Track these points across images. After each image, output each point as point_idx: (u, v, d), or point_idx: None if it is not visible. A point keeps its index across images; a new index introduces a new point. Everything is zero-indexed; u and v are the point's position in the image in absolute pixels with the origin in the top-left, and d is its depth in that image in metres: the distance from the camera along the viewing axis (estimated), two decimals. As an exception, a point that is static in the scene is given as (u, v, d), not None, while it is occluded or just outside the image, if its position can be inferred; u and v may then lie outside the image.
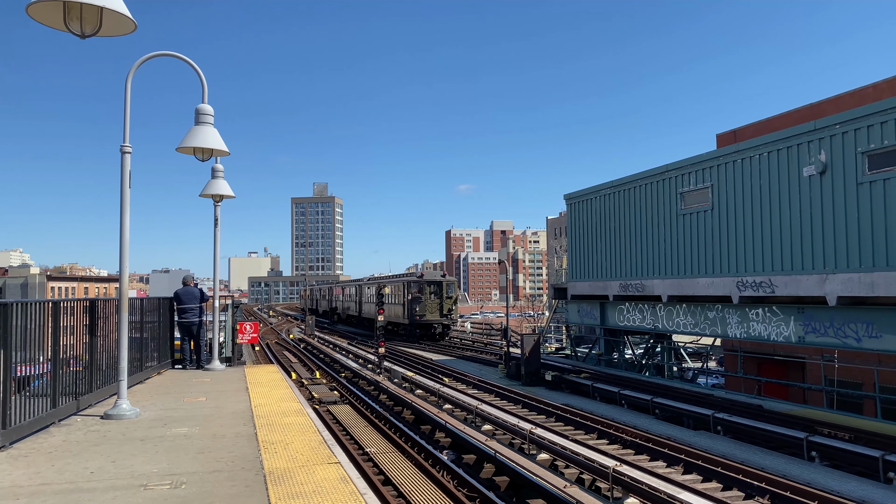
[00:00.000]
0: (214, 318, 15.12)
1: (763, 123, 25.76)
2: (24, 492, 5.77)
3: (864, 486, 11.21)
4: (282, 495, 5.72)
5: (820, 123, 15.87)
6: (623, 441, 14.61)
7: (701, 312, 19.90)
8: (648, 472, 11.44)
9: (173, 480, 6.14)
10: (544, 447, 14.01)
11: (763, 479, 11.13)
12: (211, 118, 10.88)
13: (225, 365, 15.45)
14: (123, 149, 9.04)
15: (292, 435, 8.11)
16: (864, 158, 14.75)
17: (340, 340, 45.35)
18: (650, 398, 18.00)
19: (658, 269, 21.49)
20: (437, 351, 37.04)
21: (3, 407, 7.12)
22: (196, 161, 11.52)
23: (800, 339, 16.59)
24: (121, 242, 9.18)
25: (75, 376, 9.37)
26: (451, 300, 43.77)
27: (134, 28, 7.27)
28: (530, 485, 11.44)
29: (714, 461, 12.40)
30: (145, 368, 13.02)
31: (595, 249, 25.25)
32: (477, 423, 17.27)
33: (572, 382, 22.16)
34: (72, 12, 6.87)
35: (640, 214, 22.57)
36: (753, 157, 17.74)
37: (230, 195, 14.49)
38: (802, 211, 16.22)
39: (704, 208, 19.50)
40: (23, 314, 7.65)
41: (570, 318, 28.53)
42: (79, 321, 9.41)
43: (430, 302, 42.83)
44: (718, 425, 15.45)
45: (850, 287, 14.85)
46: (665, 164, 21.38)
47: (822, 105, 23.27)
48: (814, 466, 12.55)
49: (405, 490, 11.01)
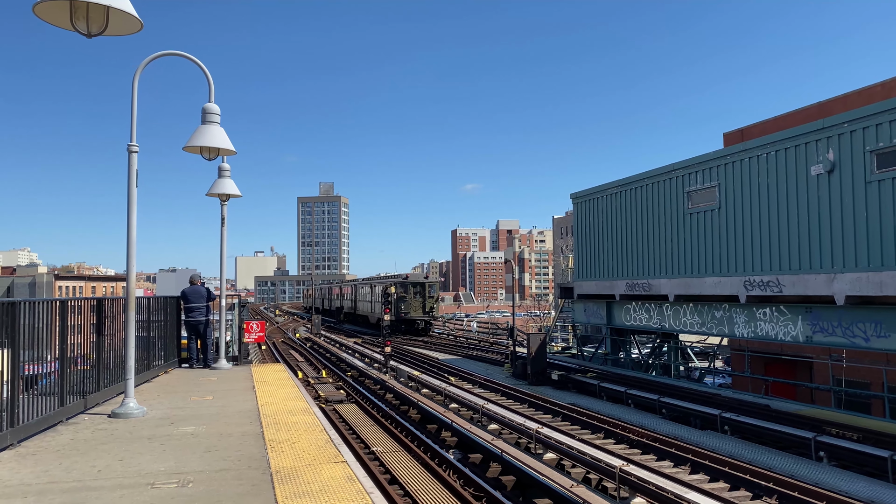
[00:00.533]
0: (221, 317, 15.14)
1: (770, 122, 25.67)
2: (33, 490, 5.79)
3: (872, 486, 11.15)
4: (288, 494, 5.72)
5: (828, 122, 15.79)
6: (630, 441, 14.57)
7: (708, 312, 19.83)
8: (655, 472, 11.41)
9: (180, 479, 6.15)
10: (551, 446, 13.98)
11: (771, 480, 11.08)
12: (217, 117, 10.89)
13: (231, 364, 15.47)
14: (130, 148, 9.06)
15: (299, 434, 8.11)
16: (872, 157, 14.67)
17: (346, 339, 45.41)
18: (657, 398, 17.95)
19: (665, 269, 21.43)
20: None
21: (11, 405, 7.15)
22: (202, 160, 11.55)
23: (807, 339, 16.51)
24: (128, 241, 9.20)
25: (83, 375, 9.40)
26: (433, 299, 48.91)
27: (140, 27, 7.28)
28: (537, 484, 11.42)
29: (721, 461, 12.35)
30: (152, 367, 13.05)
31: (601, 249, 25.20)
32: (483, 422, 17.25)
33: (578, 382, 22.12)
34: (78, 12, 6.88)
35: (646, 214, 22.51)
36: (761, 155, 17.67)
37: (237, 194, 14.51)
38: (810, 210, 16.15)
39: (711, 207, 19.43)
40: (30, 313, 7.68)
41: (576, 318, 28.48)
42: (86, 320, 9.44)
43: (414, 301, 47.65)
44: (726, 425, 15.39)
45: (858, 286, 14.77)
46: (672, 163, 21.32)
47: (830, 103, 23.17)
48: (822, 467, 12.49)
49: (411, 489, 11.01)
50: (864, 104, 17.77)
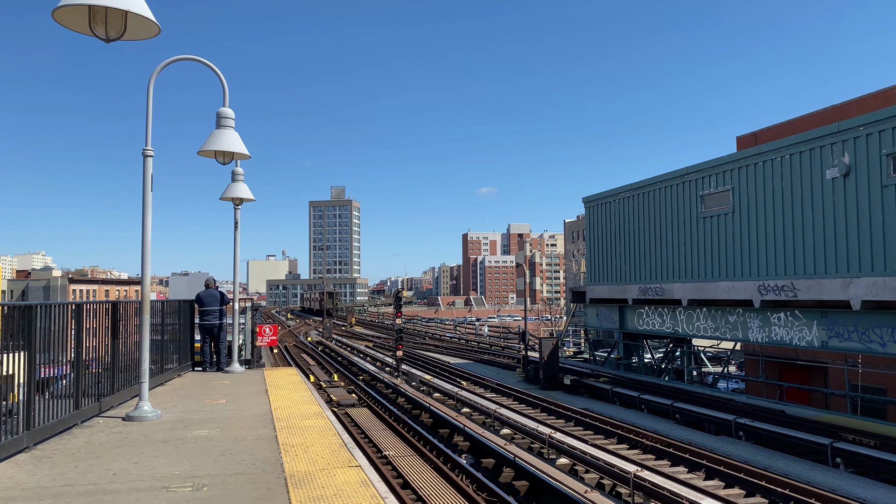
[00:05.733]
0: (234, 321, 15.18)
1: (784, 126, 25.48)
2: (49, 493, 5.81)
3: (891, 493, 11.02)
4: (303, 498, 5.71)
5: (844, 125, 15.66)
6: (643, 446, 14.48)
7: (721, 316, 19.70)
8: (670, 478, 11.32)
9: (195, 482, 6.15)
10: (564, 451, 13.91)
11: (787, 486, 10.97)
12: (232, 121, 10.92)
13: (244, 367, 15.50)
14: (145, 152, 9.09)
15: (312, 438, 8.10)
16: (888, 160, 14.53)
17: (357, 343, 45.44)
18: (670, 403, 17.83)
19: (678, 273, 21.31)
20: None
21: (27, 408, 7.18)
22: (216, 164, 11.58)
23: (823, 344, 16.35)
24: (143, 245, 9.23)
25: (97, 378, 9.43)
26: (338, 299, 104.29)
27: (158, 31, 7.31)
28: (550, 489, 11.37)
29: (736, 467, 12.24)
30: (166, 370, 13.09)
31: (614, 253, 25.10)
32: (495, 426, 17.20)
33: (591, 386, 22.02)
34: (97, 16, 6.92)
35: (659, 217, 22.40)
36: (775, 159, 17.55)
37: (250, 198, 14.54)
38: (825, 214, 16.01)
39: (725, 211, 19.31)
40: (46, 316, 7.71)
41: (588, 322, 28.36)
42: (101, 323, 9.48)
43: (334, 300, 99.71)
44: (740, 431, 15.27)
45: (874, 291, 14.62)
46: (685, 167, 21.22)
47: (846, 107, 22.98)
48: (839, 473, 12.36)
49: (424, 494, 10.98)
50: (880, 107, 17.62)
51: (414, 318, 77.62)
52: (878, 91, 22.31)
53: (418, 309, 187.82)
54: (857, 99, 22.97)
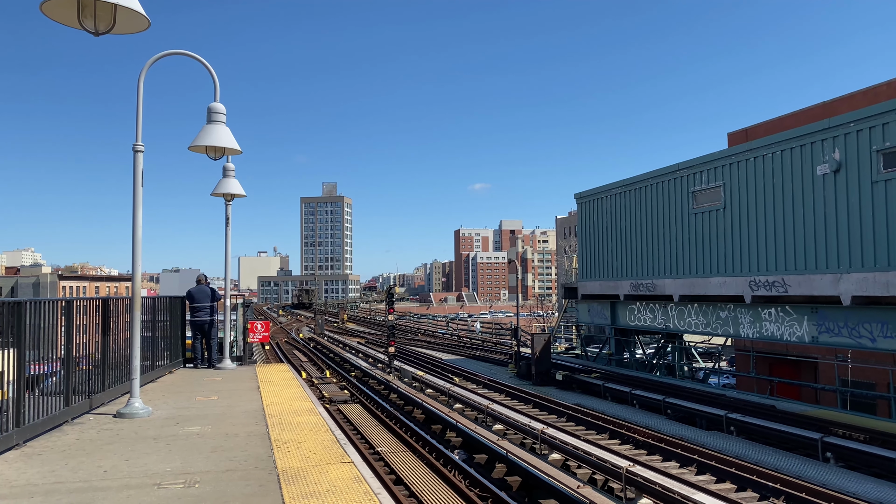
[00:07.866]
0: (226, 318, 15.12)
1: (775, 122, 25.56)
2: (39, 490, 5.77)
3: (880, 487, 11.10)
4: (296, 495, 5.69)
5: (834, 121, 15.72)
6: (635, 441, 14.52)
7: (713, 312, 19.78)
8: (662, 473, 11.36)
9: (187, 479, 6.12)
10: (556, 447, 13.94)
11: (778, 480, 11.03)
12: (223, 117, 10.87)
13: (236, 364, 15.46)
14: (136, 147, 9.04)
15: (305, 434, 8.08)
16: (878, 157, 14.61)
17: (349, 339, 45.39)
18: (662, 398, 17.89)
19: (669, 269, 21.37)
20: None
21: (17, 405, 7.13)
22: (207, 160, 11.52)
23: (813, 339, 16.45)
24: (133, 241, 9.18)
25: (88, 375, 9.38)
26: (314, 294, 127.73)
27: (148, 25, 7.26)
28: (542, 485, 11.38)
29: (728, 462, 12.30)
30: (157, 367, 13.04)
31: (606, 249, 25.14)
32: (488, 422, 17.21)
33: (583, 382, 22.07)
34: (86, 10, 6.86)
35: (651, 214, 22.45)
36: (766, 155, 17.60)
37: (241, 194, 14.49)
38: (816, 210, 16.08)
39: (716, 207, 19.37)
40: (35, 313, 7.65)
41: (580, 318, 28.43)
42: (91, 320, 9.42)
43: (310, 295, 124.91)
44: (731, 426, 15.34)
45: (864, 287, 14.71)
46: (676, 163, 21.25)
47: (836, 103, 23.07)
48: (829, 468, 12.44)
49: (417, 490, 10.97)
50: (869, 104, 17.71)
51: (406, 315, 77.59)
52: (868, 88, 22.40)
53: (410, 305, 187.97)
54: (847, 95, 23.06)
